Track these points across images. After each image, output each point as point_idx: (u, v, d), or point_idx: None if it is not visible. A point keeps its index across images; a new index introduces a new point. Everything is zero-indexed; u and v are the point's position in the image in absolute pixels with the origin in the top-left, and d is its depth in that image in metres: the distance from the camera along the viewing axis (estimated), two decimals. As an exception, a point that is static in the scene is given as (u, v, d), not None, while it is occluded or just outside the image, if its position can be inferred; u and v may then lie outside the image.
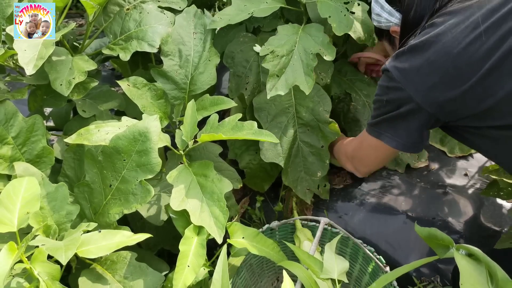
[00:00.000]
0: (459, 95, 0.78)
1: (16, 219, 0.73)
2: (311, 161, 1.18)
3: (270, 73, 1.02)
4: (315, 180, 1.19)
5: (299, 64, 1.04)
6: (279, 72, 1.03)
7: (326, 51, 1.05)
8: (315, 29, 1.09)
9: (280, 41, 1.06)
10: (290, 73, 1.03)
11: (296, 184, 1.19)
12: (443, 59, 0.78)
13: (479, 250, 0.58)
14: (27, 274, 0.73)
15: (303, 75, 1.03)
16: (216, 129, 0.93)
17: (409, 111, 0.84)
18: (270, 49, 1.04)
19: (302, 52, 1.05)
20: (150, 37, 1.08)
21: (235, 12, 1.11)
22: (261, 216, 1.33)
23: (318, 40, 1.07)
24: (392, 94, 0.86)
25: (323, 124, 1.16)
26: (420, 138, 0.90)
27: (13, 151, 0.91)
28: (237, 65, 1.18)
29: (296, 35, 1.08)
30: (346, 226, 1.23)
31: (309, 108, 1.16)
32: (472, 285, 0.55)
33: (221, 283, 0.71)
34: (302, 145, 1.17)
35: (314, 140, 1.17)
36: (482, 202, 1.24)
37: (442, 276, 1.14)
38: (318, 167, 1.18)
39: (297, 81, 1.02)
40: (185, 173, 0.90)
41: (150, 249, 1.07)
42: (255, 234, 0.91)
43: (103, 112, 1.11)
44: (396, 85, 0.84)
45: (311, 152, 1.18)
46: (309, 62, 1.04)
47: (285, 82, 1.02)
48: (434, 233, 0.63)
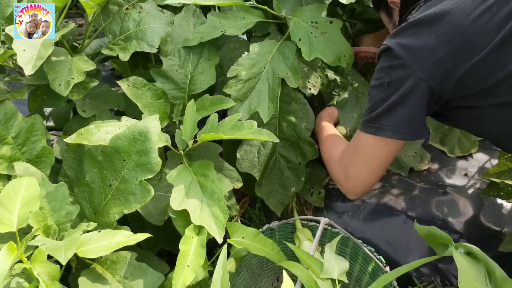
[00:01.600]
0: (468, 69, 0.75)
1: (15, 219, 0.73)
2: (287, 176, 1.15)
3: (232, 97, 1.01)
4: (288, 195, 1.16)
5: (265, 87, 1.02)
6: (242, 97, 1.01)
7: (292, 76, 1.03)
8: (289, 48, 1.07)
9: (251, 61, 1.04)
10: (255, 97, 1.01)
11: (269, 196, 1.16)
12: (451, 32, 0.75)
13: (478, 248, 0.58)
14: (26, 274, 0.73)
15: (267, 101, 1.01)
16: (216, 128, 0.93)
17: (411, 90, 0.79)
18: (237, 70, 1.02)
19: (270, 75, 1.03)
20: (150, 37, 1.08)
21: (209, 30, 1.08)
22: (261, 216, 1.33)
23: (288, 63, 1.04)
24: (394, 73, 0.81)
25: (303, 141, 1.13)
26: (423, 121, 0.84)
27: (13, 151, 0.91)
28: (226, 74, 1.16)
29: (269, 54, 1.06)
30: (346, 226, 1.23)
31: (292, 123, 1.13)
32: (471, 283, 0.55)
33: (221, 283, 0.71)
34: (280, 159, 1.15)
35: (292, 156, 1.15)
36: (482, 202, 1.24)
37: (442, 276, 1.14)
38: (293, 182, 1.15)
39: (259, 107, 1.00)
40: (185, 173, 0.90)
41: (150, 249, 1.07)
42: (255, 234, 0.91)
43: (103, 112, 1.11)
44: (400, 62, 0.79)
45: (288, 167, 1.15)
46: (275, 87, 1.02)
47: (248, 107, 1.01)
48: (433, 231, 0.63)
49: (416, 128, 0.84)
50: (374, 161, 0.90)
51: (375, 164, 0.90)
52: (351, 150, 0.94)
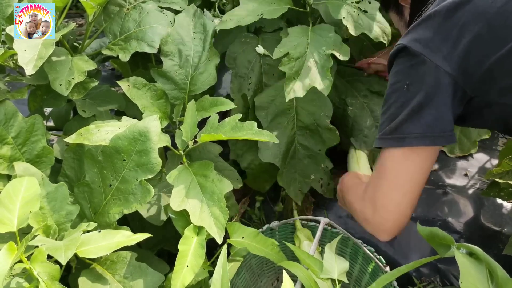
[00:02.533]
0: (495, 61, 0.69)
1: (16, 219, 0.73)
2: (306, 164, 1.17)
3: (287, 75, 1.02)
4: (308, 182, 1.18)
5: (313, 65, 1.03)
6: (295, 75, 1.02)
7: (340, 51, 1.04)
8: (325, 29, 1.08)
9: (292, 42, 1.06)
10: (305, 75, 1.02)
11: (289, 184, 1.18)
12: (476, 21, 0.69)
13: (480, 249, 0.58)
14: (27, 274, 0.73)
15: (319, 77, 1.01)
16: (216, 129, 0.93)
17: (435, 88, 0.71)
18: (284, 51, 1.03)
19: (315, 53, 1.04)
20: (150, 38, 1.08)
21: (244, 13, 1.10)
22: (261, 216, 1.33)
23: (330, 41, 1.06)
24: (415, 73, 0.73)
25: (323, 129, 1.16)
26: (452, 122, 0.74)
27: (13, 151, 0.91)
28: (239, 66, 1.18)
29: (306, 37, 1.07)
30: (346, 226, 1.23)
31: (310, 111, 1.16)
32: (472, 283, 0.55)
33: (221, 283, 0.71)
34: (299, 148, 1.17)
35: (312, 144, 1.17)
36: (482, 202, 1.24)
37: (442, 276, 1.14)
38: (313, 170, 1.18)
39: (314, 83, 1.00)
40: (185, 173, 0.90)
41: (150, 249, 1.07)
42: (255, 234, 0.91)
43: (103, 112, 1.11)
44: (420, 60, 0.73)
45: (307, 155, 1.17)
46: (324, 63, 1.02)
47: (302, 85, 1.01)
48: (436, 232, 0.63)
49: (446, 131, 0.73)
50: (405, 180, 0.76)
51: (407, 184, 0.76)
52: (375, 176, 0.81)
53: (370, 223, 0.81)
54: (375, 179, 0.81)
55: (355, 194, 0.88)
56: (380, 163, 0.79)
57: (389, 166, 0.77)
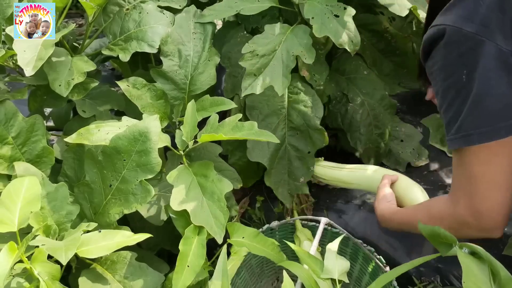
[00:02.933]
0: None
1: (16, 219, 0.73)
2: (296, 166, 1.16)
3: (247, 71, 1.03)
4: (297, 185, 1.17)
5: (279, 64, 1.04)
6: (257, 72, 1.03)
7: (307, 54, 1.05)
8: (301, 30, 1.09)
9: (265, 40, 1.07)
10: (269, 73, 1.03)
11: (277, 186, 1.17)
12: None
13: (482, 248, 0.58)
14: (27, 274, 0.73)
15: (280, 76, 1.03)
16: (217, 129, 0.93)
17: (497, 67, 0.63)
18: (252, 48, 1.05)
19: (284, 53, 1.05)
20: (150, 38, 1.08)
21: (224, 8, 1.12)
22: (261, 216, 1.33)
23: (302, 42, 1.06)
24: (471, 56, 0.64)
25: (313, 130, 1.15)
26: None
27: (13, 151, 0.91)
28: (234, 65, 1.18)
29: (283, 36, 1.08)
30: (346, 226, 1.22)
31: (301, 112, 1.15)
32: (475, 283, 0.55)
33: (221, 283, 0.71)
34: (289, 148, 1.16)
35: (302, 145, 1.16)
36: (482, 202, 1.24)
37: (442, 276, 1.14)
38: (302, 172, 1.16)
39: (273, 82, 1.02)
40: (185, 173, 0.90)
41: (150, 249, 1.07)
42: (255, 234, 0.91)
43: (103, 112, 1.11)
44: (474, 41, 0.63)
45: (297, 156, 1.16)
46: (289, 64, 1.04)
47: (261, 82, 1.03)
48: (437, 231, 0.63)
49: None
50: (499, 175, 0.69)
51: (503, 178, 0.69)
52: (462, 184, 0.73)
53: (479, 229, 0.74)
54: (463, 187, 0.73)
55: (438, 214, 0.80)
56: (462, 167, 0.72)
57: (476, 168, 0.69)
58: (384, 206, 0.98)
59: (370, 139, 1.26)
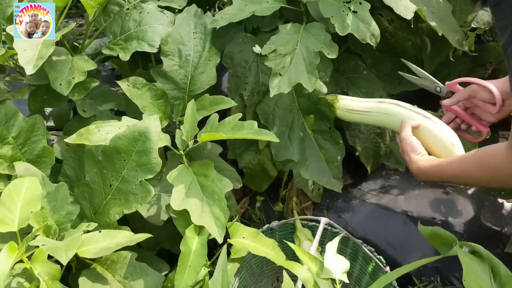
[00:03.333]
0: None
1: (17, 219, 0.73)
2: (327, 148, 1.17)
3: (273, 71, 1.02)
4: (338, 166, 1.17)
5: (301, 62, 1.04)
6: (281, 71, 1.03)
7: (329, 49, 1.05)
8: (316, 28, 1.09)
9: (282, 40, 1.07)
10: (293, 71, 1.03)
11: (319, 175, 1.17)
12: None
13: (482, 247, 0.58)
14: (27, 274, 0.73)
15: (306, 74, 1.03)
16: (217, 128, 0.93)
17: None
18: (272, 48, 1.04)
19: (304, 51, 1.05)
20: (150, 37, 1.08)
21: (236, 11, 1.11)
22: (261, 216, 1.33)
23: (320, 39, 1.06)
24: None
25: (320, 104, 1.15)
26: None
27: (13, 151, 0.91)
28: (236, 65, 1.18)
29: (298, 34, 1.08)
30: (346, 226, 1.23)
31: (305, 94, 1.16)
32: (475, 281, 0.55)
33: (221, 283, 0.71)
34: (313, 134, 1.17)
35: (322, 124, 1.17)
36: (482, 202, 1.24)
37: (442, 276, 1.14)
38: (337, 151, 1.17)
39: (300, 80, 1.02)
40: (185, 173, 0.90)
41: (150, 249, 1.07)
42: (255, 234, 0.91)
43: (103, 112, 1.11)
44: None
45: (324, 138, 1.17)
46: (312, 60, 1.04)
47: (288, 81, 1.02)
48: (438, 231, 0.63)
49: None
50: None
51: None
52: None
53: None
54: None
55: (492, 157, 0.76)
56: None
57: None
58: (420, 161, 0.91)
59: (368, 138, 1.26)
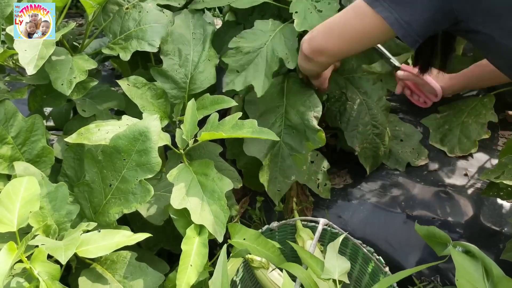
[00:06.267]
0: None
1: (16, 219, 0.72)
2: (288, 164, 1.14)
3: (229, 68, 1.03)
4: (287, 183, 1.15)
5: (263, 63, 1.04)
6: (240, 68, 1.03)
7: (291, 58, 1.04)
8: (291, 30, 1.08)
9: (253, 35, 1.07)
10: (252, 71, 1.03)
11: (269, 183, 1.16)
12: None
13: (476, 247, 0.59)
14: (27, 273, 0.73)
15: (262, 76, 1.02)
16: (217, 127, 0.93)
17: None
18: (239, 42, 1.05)
19: (269, 52, 1.05)
20: (150, 37, 1.08)
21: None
22: (261, 216, 1.33)
23: (288, 44, 1.06)
24: None
25: (310, 130, 1.12)
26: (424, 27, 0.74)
27: (13, 151, 0.91)
28: None
29: (272, 32, 1.08)
30: (346, 226, 1.22)
31: (299, 111, 1.13)
32: (468, 281, 0.56)
33: (221, 283, 0.71)
34: (283, 146, 1.15)
35: (297, 144, 1.14)
36: (482, 202, 1.24)
37: (442, 276, 1.14)
38: (294, 171, 1.14)
39: (254, 81, 1.01)
40: (185, 172, 0.90)
41: (150, 249, 1.07)
42: (256, 236, 0.90)
43: (103, 111, 1.11)
44: None
45: (290, 154, 1.14)
46: (272, 65, 1.04)
47: (243, 79, 1.02)
48: (432, 231, 0.64)
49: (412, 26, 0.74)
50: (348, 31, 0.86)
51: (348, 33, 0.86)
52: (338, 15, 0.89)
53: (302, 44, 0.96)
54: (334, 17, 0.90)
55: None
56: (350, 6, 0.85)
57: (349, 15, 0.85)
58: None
59: (367, 138, 1.26)
